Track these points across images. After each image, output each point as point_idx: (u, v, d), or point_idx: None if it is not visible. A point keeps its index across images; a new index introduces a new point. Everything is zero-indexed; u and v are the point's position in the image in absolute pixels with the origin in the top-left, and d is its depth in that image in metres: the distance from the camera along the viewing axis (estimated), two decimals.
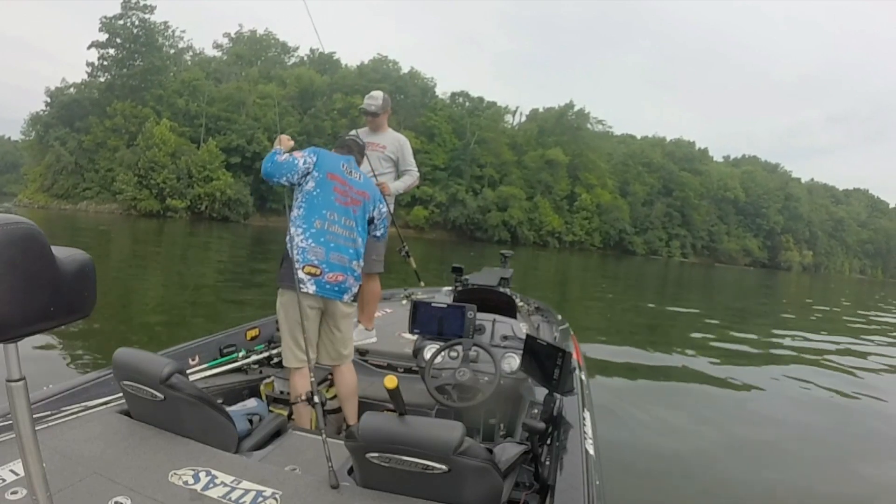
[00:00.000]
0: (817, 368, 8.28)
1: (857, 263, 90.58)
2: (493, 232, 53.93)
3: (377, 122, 3.92)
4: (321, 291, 2.58)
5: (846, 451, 4.84)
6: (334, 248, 2.60)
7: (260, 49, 59.96)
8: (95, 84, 45.86)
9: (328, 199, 2.63)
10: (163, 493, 1.53)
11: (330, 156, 2.76)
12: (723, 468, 4.14)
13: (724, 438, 4.85)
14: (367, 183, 2.87)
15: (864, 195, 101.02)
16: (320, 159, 2.68)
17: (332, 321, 2.70)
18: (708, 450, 4.51)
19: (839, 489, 4.02)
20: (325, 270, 2.57)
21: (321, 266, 2.56)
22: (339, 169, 2.71)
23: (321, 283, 2.57)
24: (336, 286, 2.61)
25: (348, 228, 2.67)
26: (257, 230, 35.22)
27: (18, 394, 0.72)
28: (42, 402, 1.99)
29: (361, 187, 2.77)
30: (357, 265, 2.71)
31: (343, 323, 2.72)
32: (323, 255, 2.57)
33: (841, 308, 21.82)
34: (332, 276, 2.58)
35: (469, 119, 58.69)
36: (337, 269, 2.60)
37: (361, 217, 2.75)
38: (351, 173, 2.76)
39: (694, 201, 69.00)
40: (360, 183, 2.79)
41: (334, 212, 2.63)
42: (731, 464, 4.21)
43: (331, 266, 2.58)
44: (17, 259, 0.67)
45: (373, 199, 2.83)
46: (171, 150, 41.42)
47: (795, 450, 4.66)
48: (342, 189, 2.67)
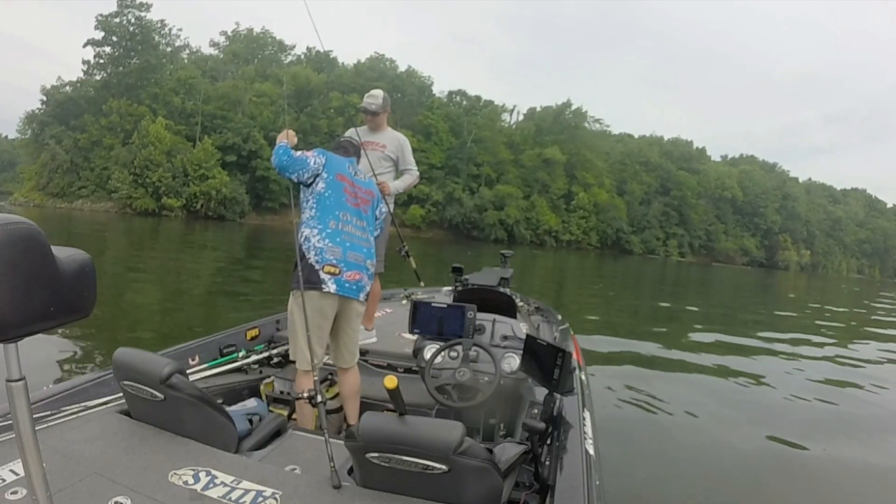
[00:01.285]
0: (831, 363, 8.36)
1: (854, 263, 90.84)
2: (490, 231, 53.93)
3: (377, 121, 3.89)
4: (341, 290, 2.57)
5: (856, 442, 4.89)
6: (350, 247, 2.61)
7: (257, 47, 59.72)
8: (91, 82, 45.62)
9: (340, 201, 2.65)
10: (163, 493, 1.53)
11: (336, 158, 2.77)
12: (723, 465, 4.15)
13: (724, 433, 4.86)
14: (371, 183, 2.91)
15: (861, 195, 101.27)
16: (329, 161, 2.69)
17: (346, 321, 2.69)
18: (708, 446, 4.53)
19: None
20: (344, 269, 2.56)
21: (340, 265, 2.55)
22: (346, 170, 2.74)
23: (341, 282, 2.56)
24: (354, 284, 2.61)
25: (361, 228, 2.70)
26: (253, 229, 35.17)
27: (18, 394, 0.72)
28: (42, 402, 1.99)
29: (368, 187, 2.82)
30: (371, 264, 2.73)
31: (356, 322, 2.74)
32: (341, 254, 2.57)
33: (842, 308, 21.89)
34: (350, 275, 2.59)
35: (466, 118, 58.64)
36: (354, 267, 2.61)
37: (371, 216, 2.79)
38: (356, 174, 2.80)
39: (691, 200, 69.13)
40: (366, 183, 2.84)
41: (346, 212, 2.65)
42: (730, 462, 4.22)
43: (348, 265, 2.58)
44: (17, 259, 0.67)
45: (377, 200, 2.87)
46: (167, 148, 41.26)
47: (796, 448, 4.66)
48: (351, 190, 2.70)
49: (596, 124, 69.78)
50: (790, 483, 4.00)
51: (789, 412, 5.68)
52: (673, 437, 4.68)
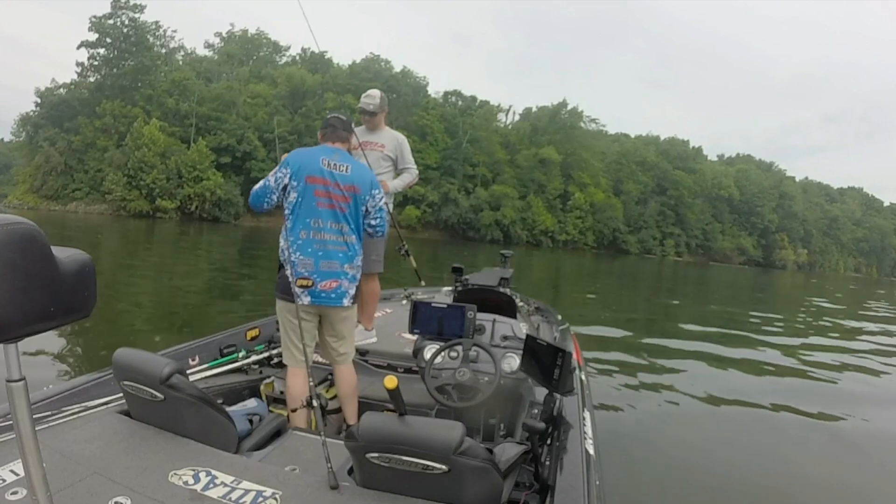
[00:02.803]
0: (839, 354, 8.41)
1: (851, 262, 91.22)
2: (486, 231, 54.01)
3: (375, 121, 3.88)
4: (316, 301, 2.57)
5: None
6: (323, 255, 2.56)
7: (251, 48, 59.69)
8: (85, 84, 45.59)
9: (310, 207, 2.56)
10: (163, 493, 1.53)
11: (307, 156, 2.61)
12: (723, 464, 4.15)
13: (724, 431, 4.88)
14: (357, 173, 2.66)
15: (858, 193, 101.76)
16: (296, 166, 2.57)
17: (329, 325, 2.70)
18: (707, 444, 4.53)
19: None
20: (318, 280, 2.55)
21: (312, 277, 2.54)
22: (319, 167, 2.57)
23: (315, 293, 2.56)
24: (331, 293, 2.58)
25: (336, 232, 2.59)
26: (248, 231, 35.06)
27: (18, 394, 0.72)
28: (42, 402, 1.99)
29: (349, 181, 2.61)
30: (350, 267, 2.64)
31: (341, 325, 2.71)
32: (312, 266, 2.54)
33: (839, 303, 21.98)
34: (325, 285, 2.56)
35: (461, 118, 58.71)
36: (328, 276, 2.57)
37: (353, 214, 2.64)
38: (336, 167, 2.60)
39: (688, 200, 69.38)
40: (348, 176, 2.61)
41: (318, 218, 2.56)
42: (731, 461, 4.22)
43: (322, 275, 2.55)
44: (17, 259, 0.67)
45: (364, 190, 2.65)
46: (161, 150, 41.25)
47: (797, 446, 4.68)
48: (324, 190, 2.56)
49: (592, 124, 70.21)
50: (790, 482, 4.00)
51: (791, 411, 5.68)
52: (673, 436, 4.68)
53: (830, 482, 4.09)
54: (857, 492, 3.99)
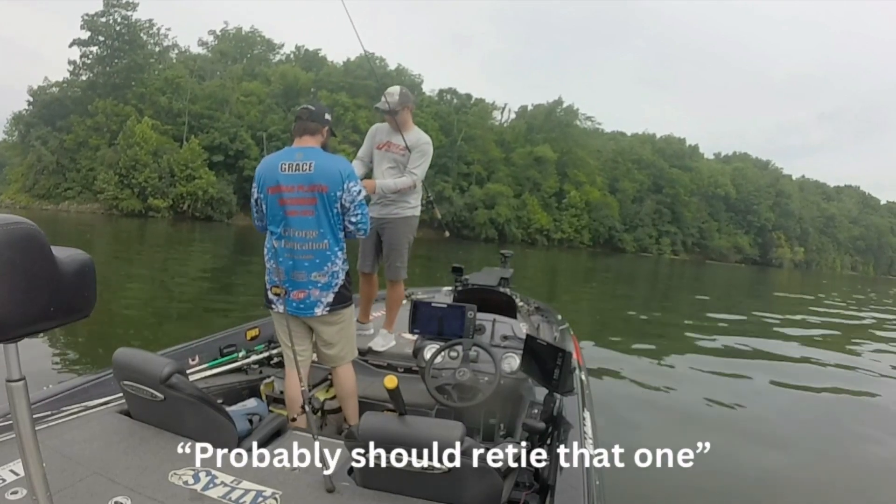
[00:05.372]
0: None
1: (848, 260, 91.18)
2: (481, 230, 53.86)
3: (398, 119, 3.62)
4: (291, 310, 2.53)
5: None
6: (294, 265, 2.51)
7: (245, 47, 59.34)
8: (77, 82, 45.18)
9: (275, 215, 2.50)
10: (163, 493, 1.54)
11: (267, 165, 2.53)
12: (723, 464, 4.16)
13: (725, 432, 4.89)
14: (322, 169, 2.44)
15: (855, 192, 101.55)
16: (259, 179, 2.53)
17: (315, 331, 2.68)
18: (707, 444, 4.53)
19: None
20: (290, 289, 2.51)
21: (285, 285, 2.51)
22: (278, 174, 2.45)
23: (289, 302, 2.53)
24: (301, 303, 2.54)
25: (304, 240, 2.48)
26: (241, 230, 34.82)
27: (18, 394, 0.72)
28: (42, 402, 1.99)
29: (312, 180, 2.42)
30: (320, 275, 2.51)
31: (325, 331, 2.64)
32: (284, 274, 2.50)
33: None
34: (296, 295, 2.53)
35: (456, 116, 58.43)
36: (298, 286, 2.52)
37: (324, 216, 2.46)
38: (298, 167, 2.43)
39: (684, 198, 69.21)
40: (310, 175, 2.42)
41: (286, 227, 2.49)
42: (731, 461, 4.22)
43: (293, 284, 2.52)
44: (17, 259, 0.67)
45: (332, 186, 2.44)
46: (153, 148, 40.88)
47: (797, 446, 4.71)
48: (287, 197, 2.45)
49: (587, 122, 69.97)
50: (790, 481, 4.02)
51: (793, 410, 5.69)
52: (673, 436, 4.69)
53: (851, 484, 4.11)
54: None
